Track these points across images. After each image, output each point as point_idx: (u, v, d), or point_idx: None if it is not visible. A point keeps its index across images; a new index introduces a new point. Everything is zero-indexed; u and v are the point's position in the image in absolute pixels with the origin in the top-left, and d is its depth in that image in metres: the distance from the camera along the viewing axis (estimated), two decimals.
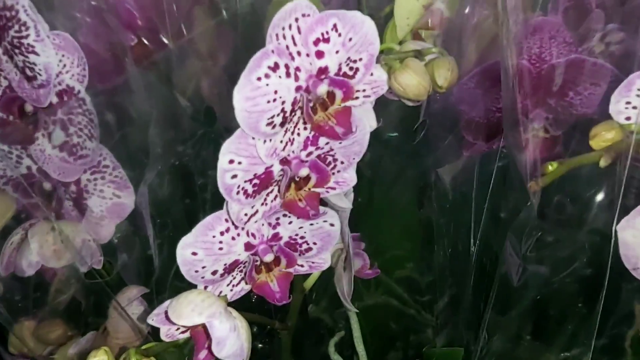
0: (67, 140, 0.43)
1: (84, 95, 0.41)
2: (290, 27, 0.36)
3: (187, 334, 0.40)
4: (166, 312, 0.37)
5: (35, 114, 0.42)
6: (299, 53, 0.36)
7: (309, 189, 0.40)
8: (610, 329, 0.49)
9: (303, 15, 0.36)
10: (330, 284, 0.49)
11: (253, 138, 0.37)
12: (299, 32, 0.36)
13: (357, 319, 0.54)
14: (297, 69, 0.36)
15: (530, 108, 0.51)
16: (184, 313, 0.36)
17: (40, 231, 0.40)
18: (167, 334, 0.39)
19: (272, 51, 0.35)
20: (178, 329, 0.39)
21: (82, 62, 0.40)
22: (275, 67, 0.35)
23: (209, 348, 0.39)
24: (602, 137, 0.33)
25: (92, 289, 0.44)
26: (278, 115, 0.36)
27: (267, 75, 0.35)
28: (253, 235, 0.41)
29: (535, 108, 0.52)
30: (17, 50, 0.39)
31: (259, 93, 0.35)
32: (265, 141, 0.37)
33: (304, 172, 0.39)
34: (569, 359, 0.50)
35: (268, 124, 0.36)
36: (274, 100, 0.36)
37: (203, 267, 0.40)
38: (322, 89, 0.37)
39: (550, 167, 0.34)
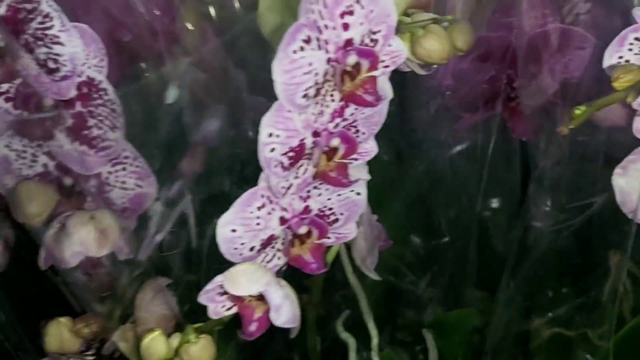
0: (87, 133, 0.43)
1: (105, 86, 0.41)
2: (317, 1, 0.37)
3: (232, 311, 0.40)
4: (219, 287, 0.38)
5: (54, 109, 0.42)
6: (326, 26, 0.38)
7: (338, 159, 0.41)
8: None
9: None
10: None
11: (289, 111, 0.38)
12: (325, 6, 0.37)
13: (364, 295, 0.56)
14: (326, 41, 0.38)
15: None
16: (241, 283, 0.37)
17: (80, 221, 0.40)
18: (215, 311, 0.40)
19: (304, 25, 0.37)
20: (224, 306, 0.40)
21: (100, 53, 0.41)
22: (308, 40, 0.37)
23: (259, 320, 0.39)
24: (623, 79, 0.36)
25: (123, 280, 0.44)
26: (312, 87, 0.38)
27: (302, 48, 0.37)
28: (285, 209, 0.42)
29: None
30: (40, 43, 0.39)
31: (296, 65, 0.37)
32: (300, 113, 0.38)
33: (335, 142, 0.40)
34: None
35: (303, 96, 0.38)
36: (309, 72, 0.37)
37: (242, 244, 0.41)
38: (351, 59, 0.38)
39: (577, 111, 0.37)
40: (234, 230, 0.40)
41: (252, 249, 0.41)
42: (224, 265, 0.41)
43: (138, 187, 0.44)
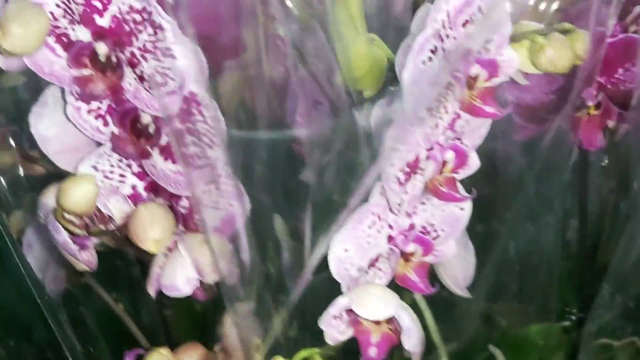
0: (184, 151, 0.41)
1: (208, 101, 0.39)
2: (441, 9, 0.36)
3: (347, 335, 0.39)
4: (339, 310, 0.36)
5: (149, 126, 0.40)
6: (447, 35, 0.37)
7: (448, 172, 0.40)
8: None
9: None
10: None
11: (411, 125, 0.37)
12: (448, 15, 0.36)
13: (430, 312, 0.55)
14: (449, 51, 0.37)
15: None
16: (372, 307, 0.35)
17: (193, 244, 0.37)
18: (332, 337, 0.38)
19: (432, 35, 0.35)
20: (340, 330, 0.39)
21: (202, 65, 0.39)
22: (434, 50, 0.36)
23: (378, 345, 0.38)
24: None
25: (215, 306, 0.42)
26: (435, 99, 0.36)
27: (430, 59, 0.36)
28: (392, 226, 0.40)
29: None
30: (149, 56, 0.37)
31: (424, 77, 0.35)
32: (420, 127, 0.37)
33: (448, 155, 0.39)
34: None
35: (428, 109, 0.36)
36: (433, 83, 0.36)
37: (352, 264, 0.39)
38: (475, 69, 0.37)
39: None
40: (346, 250, 0.39)
41: (359, 269, 0.40)
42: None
43: (231, 206, 0.42)
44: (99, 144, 0.42)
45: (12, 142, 0.49)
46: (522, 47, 0.38)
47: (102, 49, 0.36)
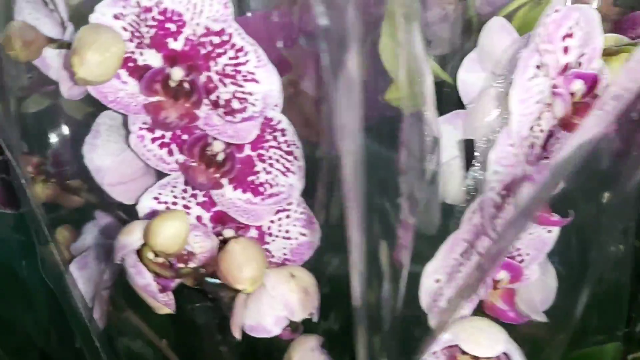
0: (254, 179, 0.38)
1: (285, 126, 0.36)
2: (541, 23, 0.34)
3: None
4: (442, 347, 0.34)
5: (219, 154, 0.37)
6: (546, 50, 0.34)
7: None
8: None
9: (555, 10, 0.34)
10: None
11: (511, 145, 0.34)
12: (547, 28, 0.34)
13: None
14: (548, 66, 0.34)
15: None
16: (483, 343, 0.32)
17: (280, 280, 0.34)
18: None
19: (534, 50, 0.33)
20: None
21: (280, 89, 0.36)
22: (539, 66, 0.33)
23: None
24: None
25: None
26: (537, 117, 0.34)
27: (535, 75, 0.33)
28: (481, 253, 0.38)
29: None
30: (228, 80, 0.34)
31: (530, 94, 0.33)
32: (520, 147, 0.35)
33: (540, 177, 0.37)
34: None
35: (530, 128, 0.34)
36: (539, 101, 0.34)
37: (441, 295, 0.37)
38: (576, 85, 0.35)
39: None
40: (437, 280, 0.36)
41: (449, 299, 0.37)
42: None
43: (302, 235, 0.40)
44: (159, 174, 0.39)
45: (50, 170, 0.46)
46: (616, 60, 0.36)
47: (177, 74, 0.33)
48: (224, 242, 0.39)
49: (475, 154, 0.42)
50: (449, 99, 0.45)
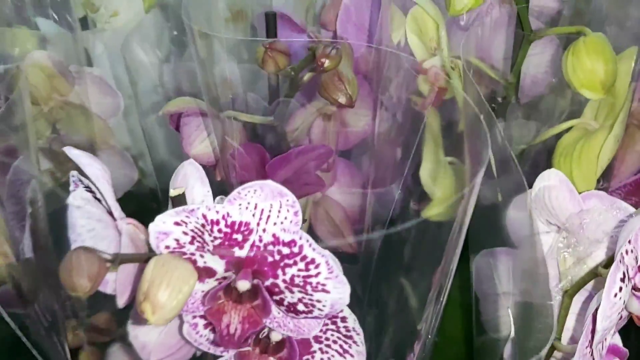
0: (308, 357, 0.36)
1: (346, 314, 0.35)
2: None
3: None
4: None
5: (278, 342, 0.35)
6: (627, 251, 0.33)
7: None
8: None
9: None
10: None
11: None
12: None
13: None
14: (627, 266, 0.33)
15: None
16: None
17: None
18: None
19: (621, 261, 0.31)
20: None
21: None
22: (623, 278, 0.32)
23: None
24: None
25: None
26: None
27: (620, 289, 0.32)
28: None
29: None
30: (297, 289, 0.32)
31: (614, 310, 0.32)
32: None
33: None
34: None
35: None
36: (618, 313, 0.32)
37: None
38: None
39: None
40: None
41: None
42: None
43: None
44: None
45: None
46: None
47: (243, 286, 0.31)
48: None
49: None
50: None
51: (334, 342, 0.36)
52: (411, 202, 0.51)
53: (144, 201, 0.61)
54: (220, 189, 0.41)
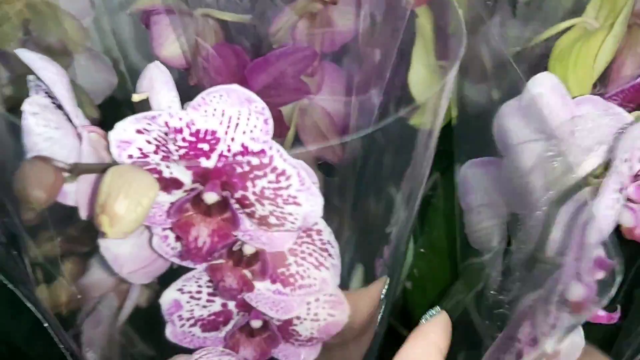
0: (284, 270, 0.35)
1: (321, 227, 0.33)
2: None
3: None
4: None
5: (251, 255, 0.34)
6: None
7: None
8: None
9: None
10: None
11: None
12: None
13: None
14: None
15: None
16: None
17: None
18: None
19: (617, 170, 0.30)
20: None
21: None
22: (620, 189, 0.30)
23: None
24: None
25: None
26: None
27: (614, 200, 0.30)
28: None
29: None
30: (267, 202, 0.30)
31: (607, 222, 0.31)
32: None
33: None
34: None
35: None
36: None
37: None
38: None
39: None
40: None
41: None
42: None
43: (330, 316, 0.38)
44: None
45: None
46: None
47: (211, 198, 0.29)
48: (250, 334, 0.37)
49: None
50: None
51: (310, 254, 0.35)
52: (399, 109, 0.49)
53: (127, 107, 0.59)
54: (196, 94, 0.39)
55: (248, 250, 0.33)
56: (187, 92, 0.34)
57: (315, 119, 0.49)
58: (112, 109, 0.53)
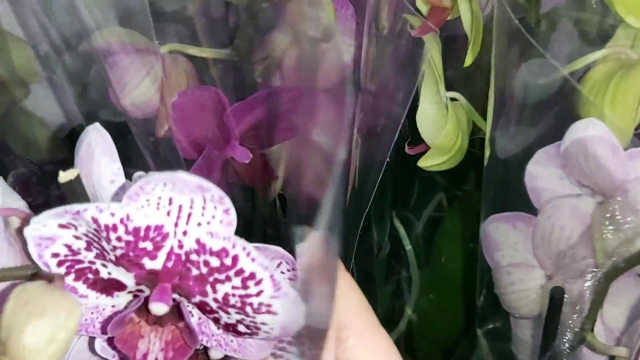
0: None
1: None
2: None
3: None
4: None
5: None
6: None
7: None
8: None
9: None
10: None
11: None
12: None
13: None
14: None
15: None
16: None
17: None
18: None
19: None
20: None
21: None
22: None
23: None
24: None
25: None
26: None
27: None
28: None
29: None
30: (233, 310, 0.23)
31: None
32: None
33: None
34: None
35: None
36: None
37: None
38: None
39: None
40: None
41: None
42: None
43: None
44: None
45: None
46: None
47: (160, 309, 0.23)
48: None
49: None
50: None
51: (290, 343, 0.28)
52: (406, 147, 0.43)
53: None
54: (166, 145, 0.33)
55: (215, 355, 0.27)
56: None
57: (305, 156, 0.42)
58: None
